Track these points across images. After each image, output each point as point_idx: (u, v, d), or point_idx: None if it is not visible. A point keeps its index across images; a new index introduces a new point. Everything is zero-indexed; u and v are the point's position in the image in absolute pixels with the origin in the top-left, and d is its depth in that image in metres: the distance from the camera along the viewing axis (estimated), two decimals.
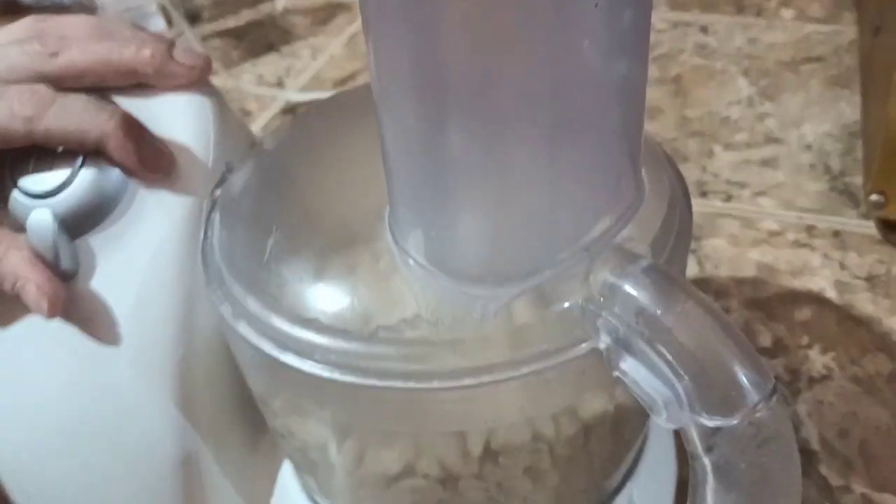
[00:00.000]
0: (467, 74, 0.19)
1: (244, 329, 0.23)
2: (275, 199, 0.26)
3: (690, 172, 0.54)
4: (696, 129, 0.59)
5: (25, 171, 0.28)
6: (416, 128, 0.21)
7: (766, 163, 0.55)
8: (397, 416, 0.23)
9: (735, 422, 0.20)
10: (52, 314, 0.26)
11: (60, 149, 0.28)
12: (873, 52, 0.52)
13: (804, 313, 0.44)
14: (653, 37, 0.70)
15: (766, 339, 0.42)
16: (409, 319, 0.22)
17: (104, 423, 0.29)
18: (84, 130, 0.27)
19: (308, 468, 0.29)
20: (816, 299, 0.44)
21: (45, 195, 0.28)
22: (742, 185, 0.53)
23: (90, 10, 0.71)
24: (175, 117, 0.29)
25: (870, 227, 0.48)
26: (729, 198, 0.52)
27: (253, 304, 0.23)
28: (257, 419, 0.31)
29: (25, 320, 0.28)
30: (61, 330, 0.28)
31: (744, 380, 0.20)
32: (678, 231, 0.25)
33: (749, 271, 0.47)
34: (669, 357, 0.20)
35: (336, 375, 0.22)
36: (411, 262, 0.22)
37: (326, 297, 0.23)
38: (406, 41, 0.19)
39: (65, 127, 0.26)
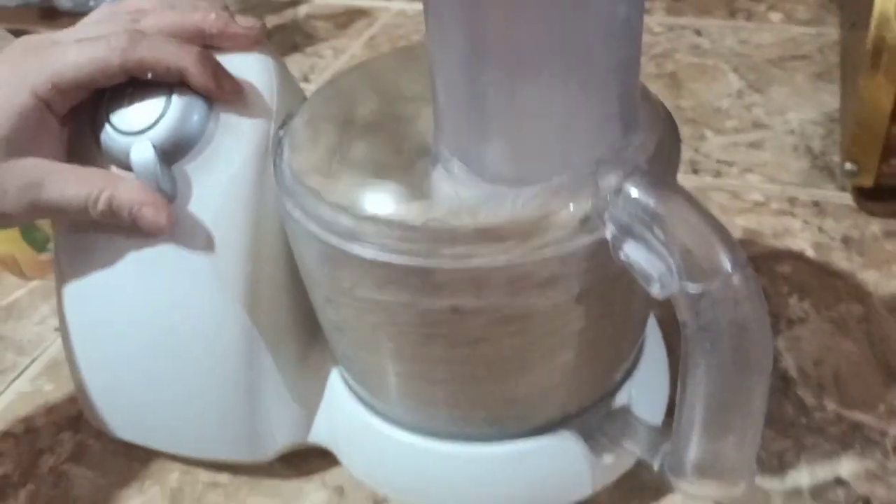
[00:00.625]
0: (499, 23, 0.25)
1: (314, 228, 0.29)
2: (332, 132, 0.31)
3: (684, 153, 0.59)
4: (689, 118, 0.64)
5: (120, 108, 0.34)
6: (461, 69, 0.26)
7: (753, 145, 0.60)
8: (444, 291, 0.28)
9: (715, 286, 0.25)
10: (167, 231, 0.32)
11: (150, 78, 0.33)
12: (850, 44, 0.58)
13: (785, 268, 0.49)
14: (650, 38, 0.76)
15: None
16: (453, 211, 0.27)
17: (184, 327, 0.34)
18: (171, 59, 0.32)
19: (358, 364, 0.34)
20: (796, 257, 0.50)
21: (141, 131, 0.33)
22: (730, 164, 0.58)
23: None
24: (245, 72, 0.35)
25: (847, 198, 0.54)
26: (718, 174, 0.58)
27: (322, 208, 0.29)
28: (310, 331, 0.37)
29: (124, 246, 0.34)
30: (154, 249, 0.33)
31: (721, 253, 0.25)
32: (669, 154, 0.30)
33: (736, 234, 0.52)
34: (663, 238, 0.25)
35: (393, 259, 0.27)
36: (455, 169, 0.28)
37: (383, 199, 0.28)
38: (456, 9, 0.25)
39: (155, 56, 0.32)
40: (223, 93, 0.33)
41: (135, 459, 0.42)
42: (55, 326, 0.51)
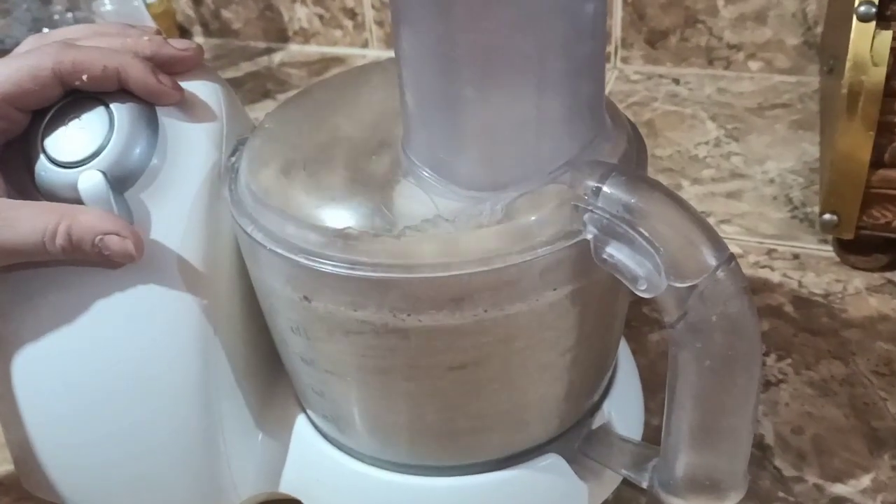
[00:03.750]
0: (470, 32, 0.24)
1: (282, 250, 0.26)
2: (292, 151, 0.29)
3: None
4: (665, 166, 0.62)
5: (57, 139, 0.30)
6: (434, 82, 0.25)
7: (731, 195, 0.58)
8: (424, 304, 0.25)
9: (703, 281, 0.23)
10: (138, 256, 0.28)
11: (86, 85, 0.30)
12: (828, 90, 0.55)
13: (763, 326, 0.46)
14: (627, 86, 0.74)
15: None
16: (430, 219, 0.25)
17: (135, 373, 0.31)
18: (107, 58, 0.30)
19: (328, 399, 0.31)
20: (775, 313, 0.47)
21: (84, 161, 0.30)
22: (707, 215, 0.56)
23: None
24: (193, 99, 0.32)
25: (828, 251, 0.51)
26: None
27: (289, 228, 0.26)
28: (271, 375, 0.34)
29: (66, 287, 0.31)
30: (100, 287, 0.31)
31: (706, 249, 0.24)
32: (637, 158, 0.29)
33: None
34: (648, 235, 0.24)
35: (370, 273, 0.25)
36: (426, 174, 0.26)
37: (354, 212, 0.26)
38: (428, 20, 0.24)
39: (89, 57, 0.29)
40: (165, 91, 0.31)
41: None
42: None
